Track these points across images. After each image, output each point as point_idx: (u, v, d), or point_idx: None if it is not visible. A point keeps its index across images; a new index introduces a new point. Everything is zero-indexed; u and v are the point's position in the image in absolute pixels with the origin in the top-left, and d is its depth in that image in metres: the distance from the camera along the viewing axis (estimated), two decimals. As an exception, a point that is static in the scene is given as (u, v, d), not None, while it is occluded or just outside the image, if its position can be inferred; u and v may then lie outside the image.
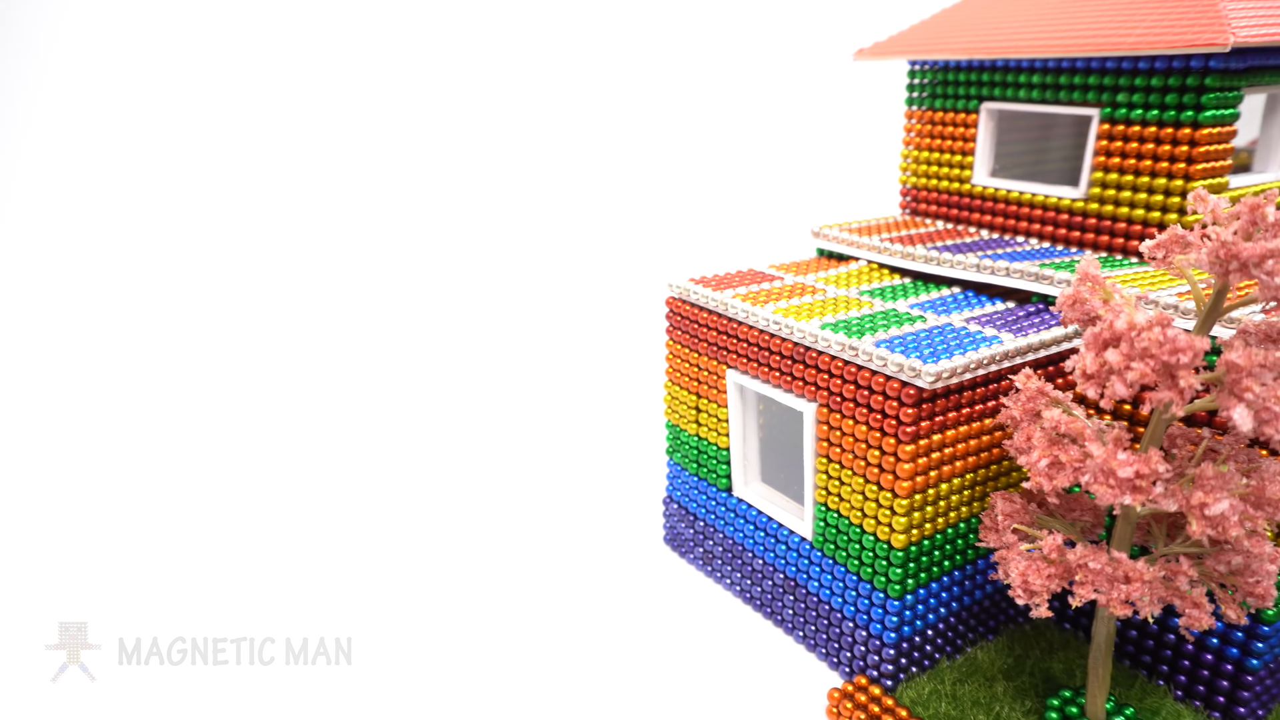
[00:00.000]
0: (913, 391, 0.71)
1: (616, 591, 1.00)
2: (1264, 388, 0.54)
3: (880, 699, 0.78)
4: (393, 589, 0.99)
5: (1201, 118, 0.82)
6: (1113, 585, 0.61)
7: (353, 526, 1.12)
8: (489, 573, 1.03)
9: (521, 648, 0.89)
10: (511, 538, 1.10)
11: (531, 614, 0.95)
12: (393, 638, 0.88)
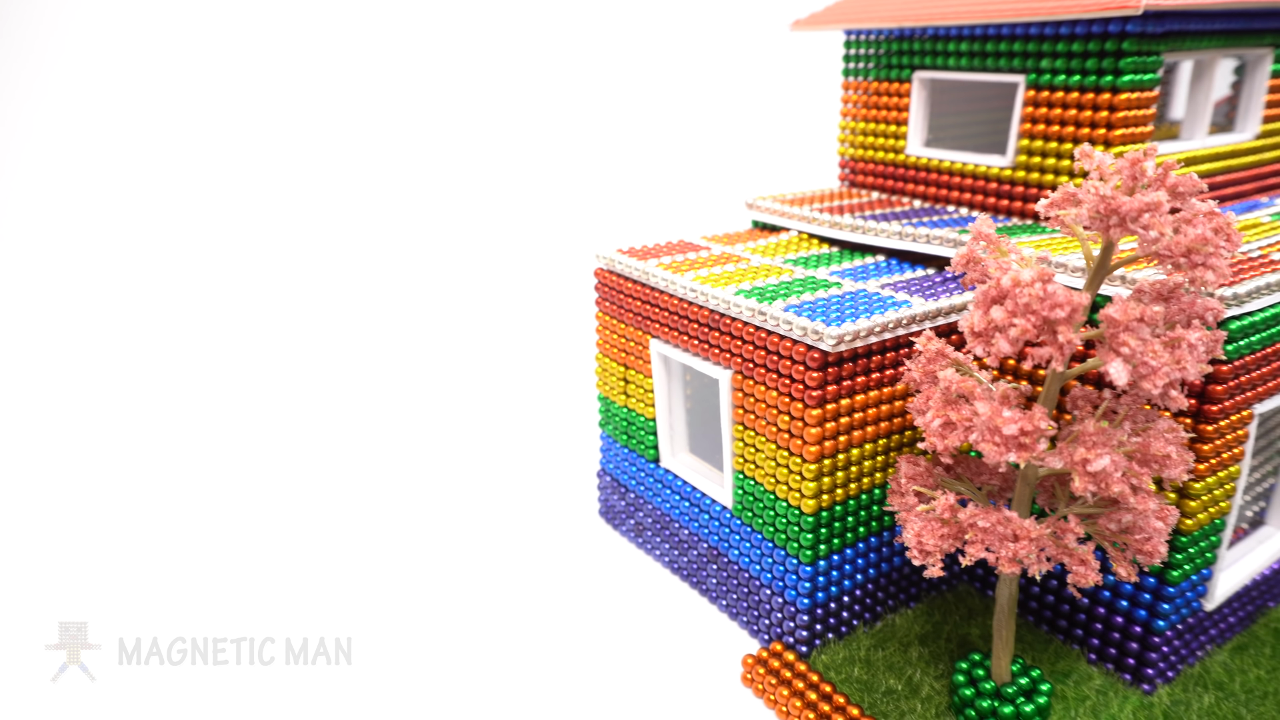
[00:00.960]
0: (817, 355, 0.71)
1: (550, 567, 1.00)
2: (1140, 342, 0.54)
3: (793, 664, 0.78)
4: (354, 578, 0.99)
5: (1120, 82, 0.82)
6: (1002, 543, 0.61)
7: (332, 521, 1.12)
8: (429, 551, 1.03)
9: (456, 625, 0.89)
10: (453, 516, 1.10)
11: (467, 593, 0.94)
12: (390, 636, 0.88)
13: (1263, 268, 0.70)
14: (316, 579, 0.96)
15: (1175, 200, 0.56)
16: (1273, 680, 0.76)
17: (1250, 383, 0.69)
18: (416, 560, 1.01)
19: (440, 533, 1.06)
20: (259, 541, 1.02)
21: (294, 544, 1.03)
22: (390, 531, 1.07)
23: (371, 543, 1.04)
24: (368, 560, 1.01)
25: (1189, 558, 0.72)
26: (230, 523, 1.06)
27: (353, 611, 0.91)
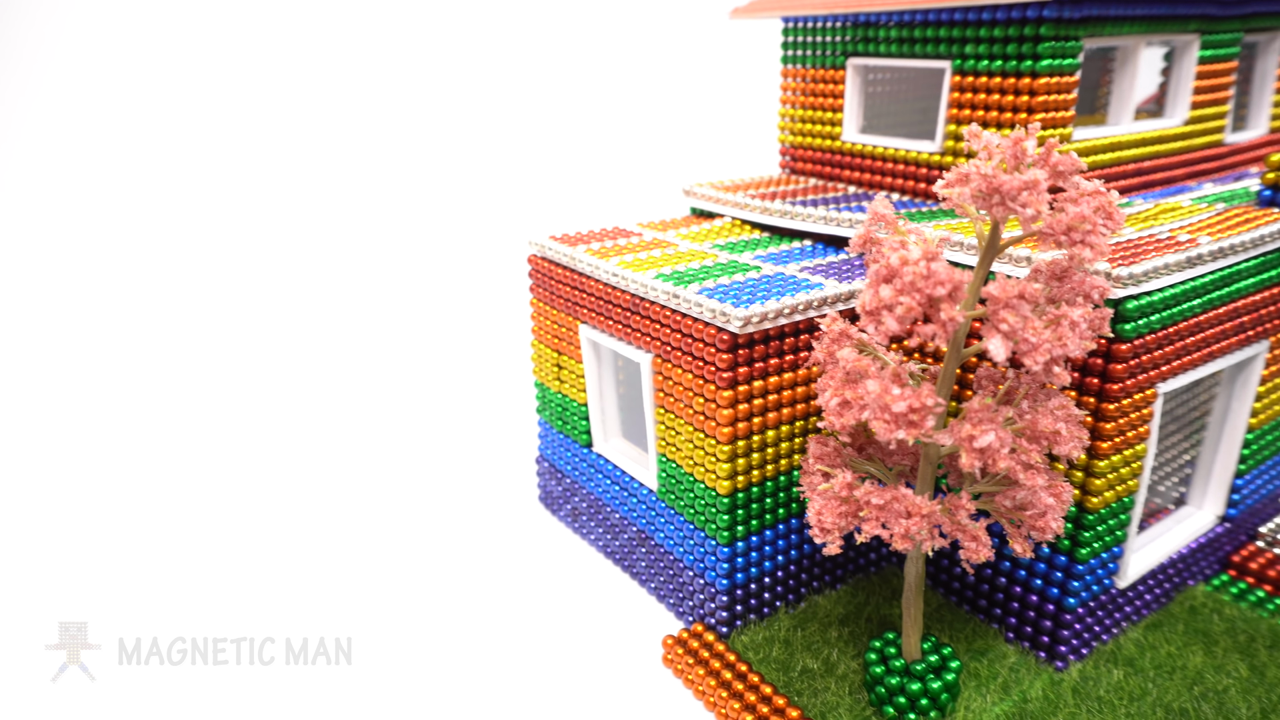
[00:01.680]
0: (726, 337, 0.71)
1: (488, 553, 1.00)
2: (1020, 319, 0.55)
3: (712, 645, 0.79)
4: (309, 572, 0.99)
5: (1039, 67, 0.83)
6: (895, 520, 0.61)
7: (291, 516, 1.12)
8: (370, 540, 1.03)
9: (390, 614, 0.90)
10: (396, 506, 1.10)
11: (400, 582, 0.95)
12: (342, 623, 0.88)
13: (1162, 248, 0.70)
14: (316, 579, 0.96)
15: (1057, 179, 0.57)
16: (1181, 656, 0.77)
17: (1153, 362, 0.70)
18: (359, 548, 1.01)
19: (384, 522, 1.07)
20: (259, 541, 1.02)
21: (294, 544, 1.03)
22: (337, 518, 1.07)
23: (322, 533, 1.05)
24: (320, 552, 1.01)
25: (1096, 536, 0.73)
26: (230, 523, 1.06)
27: (350, 611, 0.90)
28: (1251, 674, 0.75)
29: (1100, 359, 0.68)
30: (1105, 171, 0.92)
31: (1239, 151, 1.07)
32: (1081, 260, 0.55)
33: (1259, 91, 1.10)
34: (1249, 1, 0.98)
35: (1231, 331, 0.76)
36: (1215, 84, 1.00)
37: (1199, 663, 0.76)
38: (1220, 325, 0.75)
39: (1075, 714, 0.71)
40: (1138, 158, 0.95)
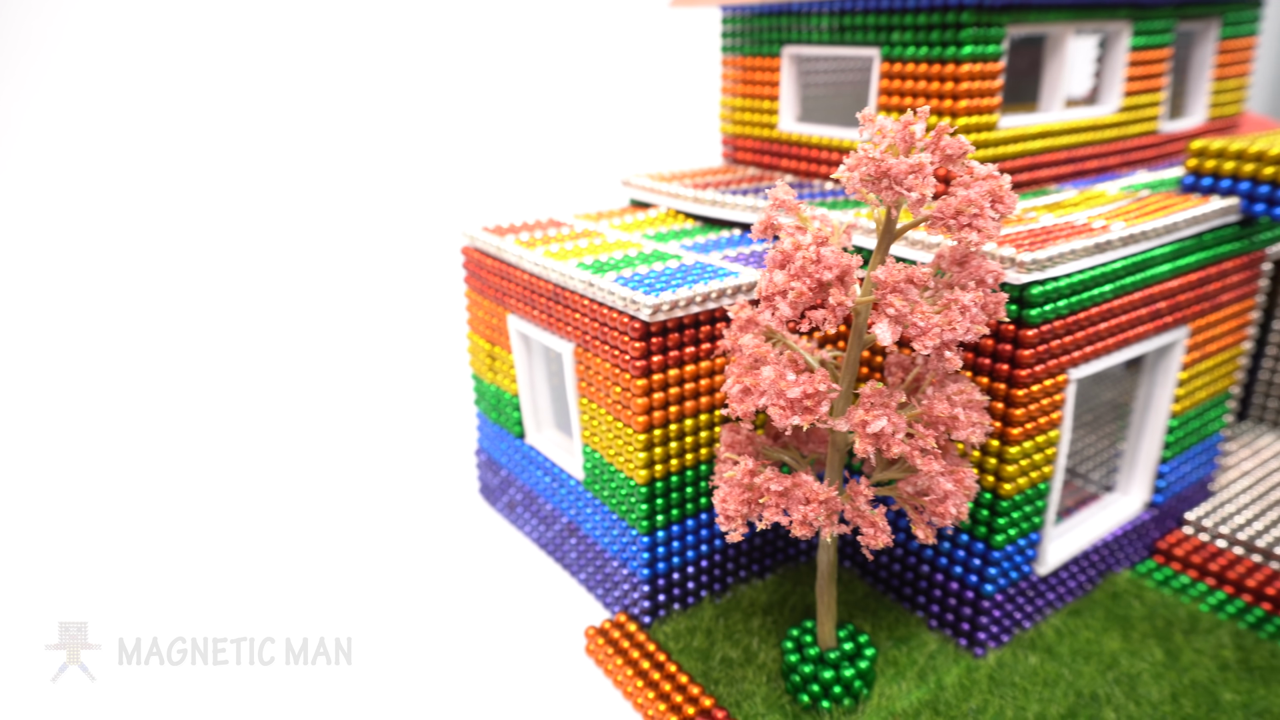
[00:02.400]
0: (638, 325, 0.71)
1: (427, 546, 1.00)
2: (907, 303, 0.55)
3: (634, 635, 0.79)
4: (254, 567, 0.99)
5: (962, 54, 0.82)
6: (795, 507, 0.61)
7: (252, 517, 1.11)
8: (311, 535, 1.03)
9: (322, 604, 0.90)
10: (339, 503, 1.10)
11: (338, 577, 0.95)
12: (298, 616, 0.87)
13: (1072, 234, 0.70)
14: (316, 579, 0.95)
15: (946, 164, 0.56)
16: (1099, 642, 0.77)
17: (1062, 348, 0.70)
18: (298, 543, 1.01)
19: (324, 518, 1.06)
20: (259, 542, 1.01)
21: (294, 544, 1.02)
22: (284, 511, 1.07)
23: (274, 528, 1.04)
24: (272, 547, 1.01)
25: (1011, 522, 0.73)
26: (230, 523, 1.05)
27: (352, 611, 0.89)
28: (1166, 658, 0.75)
29: (1009, 345, 0.68)
30: (1036, 159, 0.92)
31: (1176, 140, 1.07)
32: (969, 244, 0.55)
33: (1196, 80, 1.10)
34: (1181, -11, 0.98)
35: (1147, 318, 0.76)
36: (1148, 72, 0.99)
37: (1115, 648, 0.76)
38: (1135, 311, 0.75)
39: (988, 700, 0.71)
40: (1069, 145, 0.95)
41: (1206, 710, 0.70)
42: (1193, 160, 0.84)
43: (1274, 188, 0.79)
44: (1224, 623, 0.79)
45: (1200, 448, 0.91)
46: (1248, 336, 0.90)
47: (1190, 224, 0.76)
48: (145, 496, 1.11)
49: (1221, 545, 0.88)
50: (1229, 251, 0.83)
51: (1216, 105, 1.10)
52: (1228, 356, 0.89)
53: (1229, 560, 0.86)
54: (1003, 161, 0.88)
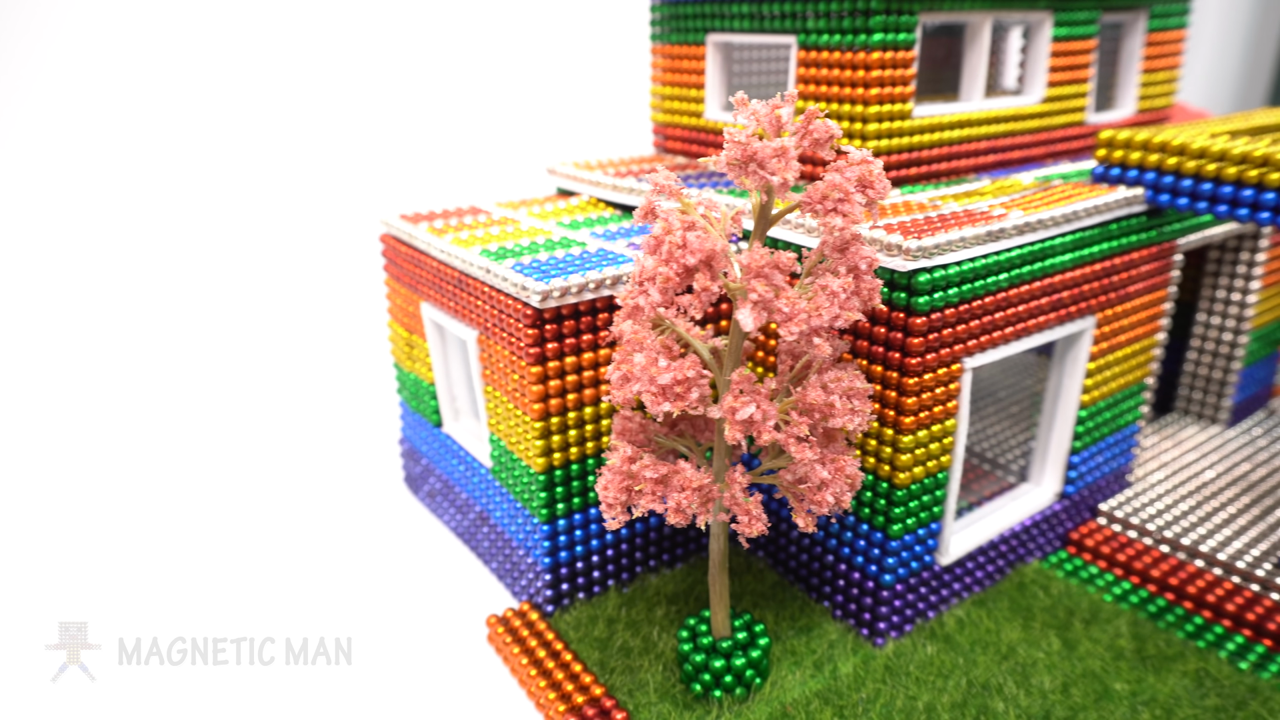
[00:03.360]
0: (530, 312, 0.70)
1: (348, 535, 0.99)
2: (771, 289, 0.54)
3: (534, 624, 0.78)
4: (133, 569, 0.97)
5: (872, 42, 0.82)
6: (671, 494, 0.61)
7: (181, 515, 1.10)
8: (238, 525, 1.02)
9: (248, 599, 0.89)
10: (266, 494, 1.09)
11: (260, 567, 0.94)
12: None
13: (964, 222, 0.70)
14: (316, 579, 0.94)
15: (815, 148, 0.56)
16: (999, 632, 0.77)
17: (955, 336, 0.69)
18: (222, 533, 1.00)
19: (250, 509, 1.05)
20: (259, 542, 1.00)
21: (294, 544, 1.00)
22: (216, 498, 1.07)
23: (212, 515, 1.04)
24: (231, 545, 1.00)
25: (908, 512, 0.73)
26: (230, 523, 1.04)
27: (352, 611, 0.88)
28: (1063, 648, 0.75)
29: (899, 333, 0.68)
30: (954, 148, 0.92)
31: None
32: (833, 229, 0.54)
33: (1125, 72, 1.10)
34: (1104, -20, 0.98)
35: (1048, 307, 0.76)
36: (1072, 63, 0.99)
37: (1015, 638, 0.76)
38: (1034, 300, 0.75)
39: (880, 690, 0.71)
40: (991, 135, 0.95)
41: (1095, 699, 0.70)
42: (1102, 150, 0.84)
43: (1178, 178, 0.79)
44: (1125, 613, 0.79)
45: (1114, 439, 0.91)
46: (1161, 328, 0.90)
47: (1091, 213, 0.76)
48: (146, 497, 1.10)
49: (1132, 536, 0.88)
50: (1137, 242, 0.83)
51: (1146, 98, 1.10)
52: (1140, 348, 0.89)
53: (1137, 551, 0.86)
54: (919, 150, 0.88)
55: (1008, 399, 1.11)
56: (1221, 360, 1.05)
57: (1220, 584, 0.80)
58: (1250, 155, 0.74)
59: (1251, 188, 0.74)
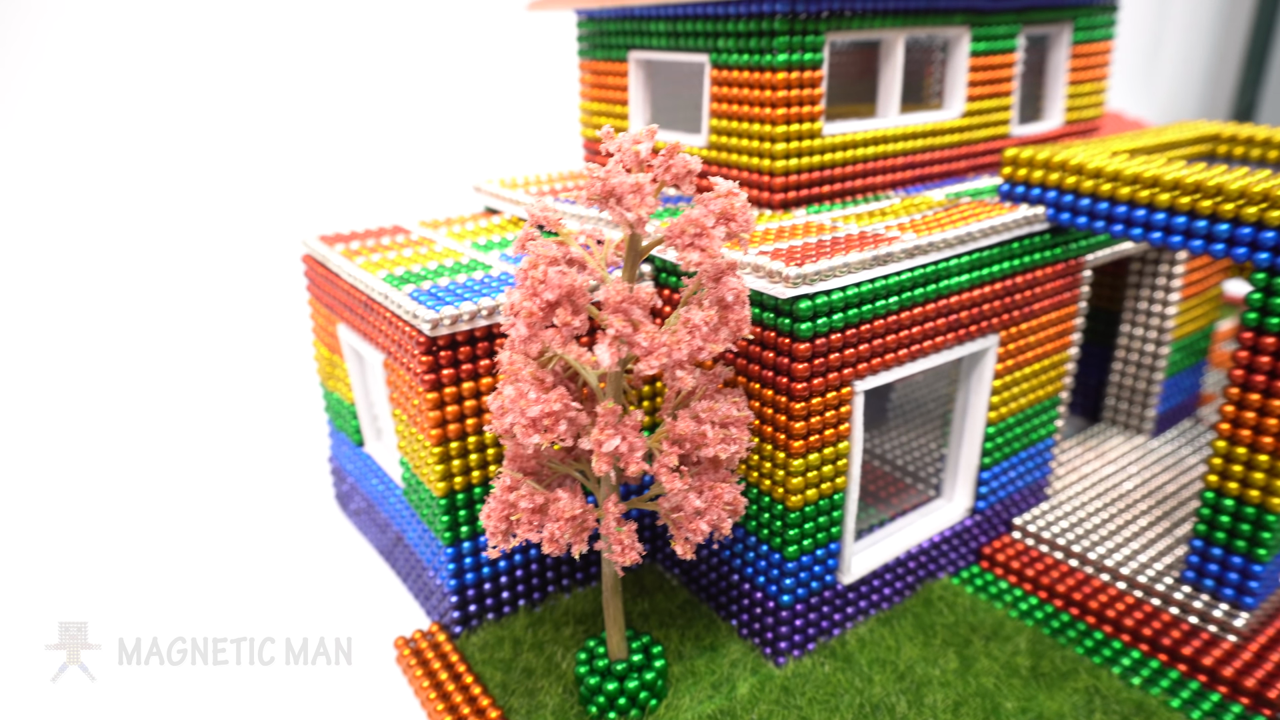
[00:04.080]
0: (424, 339, 0.71)
1: (276, 552, 0.99)
2: (628, 324, 0.54)
3: (440, 645, 0.79)
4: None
5: (777, 62, 0.82)
6: (548, 524, 0.61)
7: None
8: (168, 537, 1.03)
9: (170, 614, 0.90)
10: (201, 508, 1.10)
11: (189, 583, 0.95)
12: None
13: (851, 246, 0.70)
14: (316, 579, 0.95)
15: (676, 181, 0.56)
16: (899, 650, 0.78)
17: (843, 360, 0.70)
18: (161, 541, 1.01)
19: (181, 522, 1.06)
20: (259, 542, 1.01)
21: (294, 545, 1.01)
22: (215, 498, 1.08)
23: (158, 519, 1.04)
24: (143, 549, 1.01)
25: (803, 534, 0.73)
26: (230, 523, 1.05)
27: (352, 611, 0.89)
28: (960, 665, 0.76)
29: (785, 358, 0.68)
30: (870, 165, 0.92)
31: (1032, 143, 1.08)
32: (690, 263, 0.55)
33: (1052, 84, 1.10)
34: (1020, -5, 0.98)
35: (944, 328, 0.77)
36: (993, 77, 0.99)
37: (914, 656, 0.77)
38: (930, 322, 0.75)
39: (773, 711, 0.71)
40: (909, 150, 0.95)
41: (985, 717, 0.70)
42: (1007, 168, 0.84)
43: (1077, 197, 0.79)
44: (1027, 629, 0.80)
45: (1027, 454, 0.92)
46: (1072, 343, 0.91)
47: (988, 234, 0.77)
48: (146, 497, 1.11)
49: (1044, 550, 0.89)
50: (1041, 260, 0.83)
51: (1074, 109, 1.10)
52: (1051, 363, 0.89)
53: (1046, 566, 0.86)
54: (830, 168, 0.89)
55: (935, 409, 1.11)
56: (1145, 371, 1.05)
57: (1122, 598, 0.81)
58: (1141, 175, 0.74)
59: (1144, 208, 0.75)
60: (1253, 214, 0.68)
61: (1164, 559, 0.84)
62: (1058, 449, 1.06)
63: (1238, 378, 0.72)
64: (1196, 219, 0.72)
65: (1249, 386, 0.72)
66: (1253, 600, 0.76)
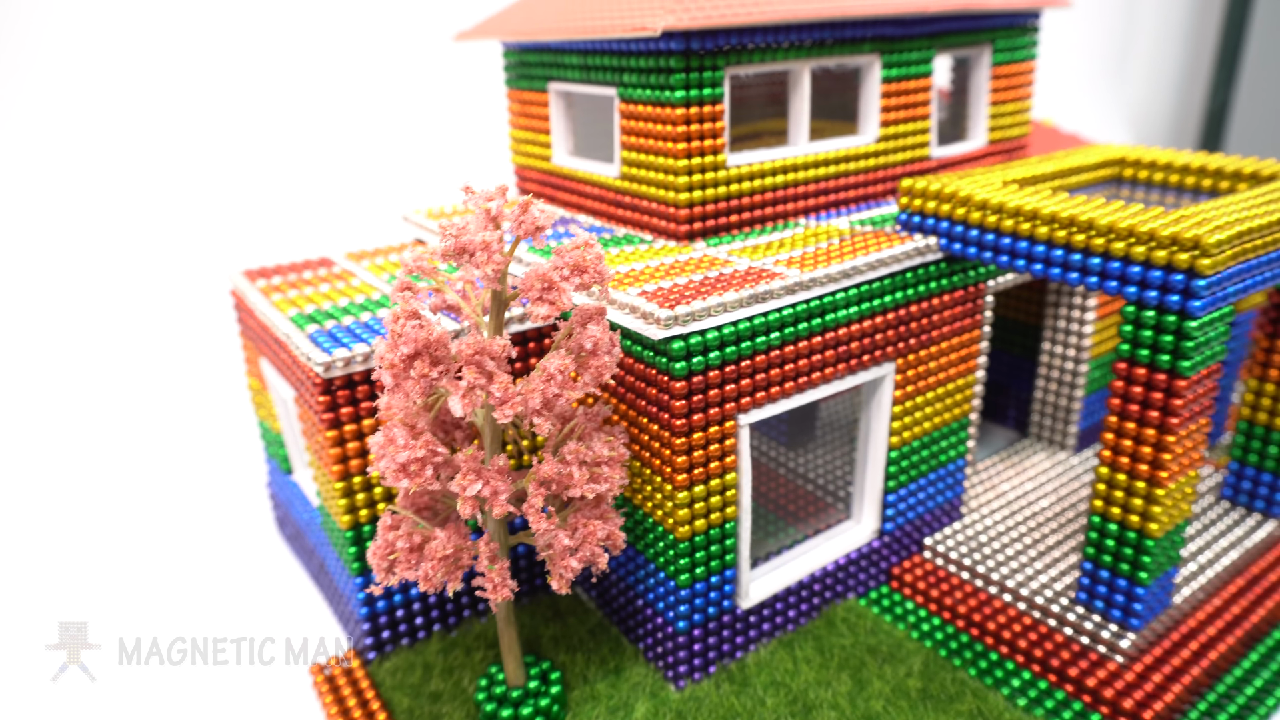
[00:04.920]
0: (320, 380, 0.73)
1: (215, 575, 1.02)
2: (481, 375, 0.57)
3: (353, 671, 0.82)
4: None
5: (674, 98, 0.84)
6: (420, 564, 0.64)
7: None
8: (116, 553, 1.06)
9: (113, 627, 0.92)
10: (201, 508, 1.14)
11: (129, 607, 0.97)
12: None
13: (730, 285, 0.71)
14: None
15: (530, 235, 0.58)
16: (796, 673, 0.80)
17: (723, 396, 0.72)
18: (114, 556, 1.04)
19: (187, 513, 1.10)
20: (259, 542, 1.02)
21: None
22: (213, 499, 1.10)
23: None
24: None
25: (694, 563, 0.76)
26: (230, 523, 1.06)
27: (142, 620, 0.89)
28: (853, 687, 0.78)
29: (665, 395, 0.70)
30: (779, 193, 0.93)
31: (953, 164, 1.09)
32: (540, 316, 0.57)
33: (975, 105, 1.11)
34: (928, 22, 0.99)
35: (833, 360, 0.78)
36: (907, 102, 1.01)
37: (810, 678, 0.79)
38: (816, 355, 0.77)
39: (664, 734, 0.74)
40: (819, 178, 0.96)
41: (868, 741, 0.72)
42: (903, 198, 0.86)
43: (967, 228, 0.81)
44: (925, 650, 0.82)
45: (935, 475, 0.93)
46: (978, 367, 0.92)
47: (875, 266, 0.78)
48: (148, 497, 1.13)
49: (951, 570, 0.91)
50: (938, 288, 0.85)
51: (997, 128, 1.11)
52: (955, 388, 0.91)
53: (951, 586, 0.88)
54: (736, 198, 0.90)
55: (838, 433, 1.13)
56: (1066, 387, 1.07)
57: (1020, 619, 0.83)
58: (1023, 209, 0.76)
59: (1026, 240, 0.77)
60: (1120, 249, 0.70)
61: (1064, 579, 0.86)
62: (982, 464, 1.08)
63: (1115, 407, 0.74)
64: (1072, 253, 0.73)
65: (1125, 416, 0.73)
66: (1138, 621, 0.77)
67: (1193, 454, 0.74)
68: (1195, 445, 0.73)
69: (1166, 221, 0.69)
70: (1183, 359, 0.68)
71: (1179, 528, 0.77)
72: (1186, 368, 0.68)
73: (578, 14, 0.93)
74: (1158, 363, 0.70)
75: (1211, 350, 0.70)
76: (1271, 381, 0.90)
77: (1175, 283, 0.67)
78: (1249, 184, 0.87)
